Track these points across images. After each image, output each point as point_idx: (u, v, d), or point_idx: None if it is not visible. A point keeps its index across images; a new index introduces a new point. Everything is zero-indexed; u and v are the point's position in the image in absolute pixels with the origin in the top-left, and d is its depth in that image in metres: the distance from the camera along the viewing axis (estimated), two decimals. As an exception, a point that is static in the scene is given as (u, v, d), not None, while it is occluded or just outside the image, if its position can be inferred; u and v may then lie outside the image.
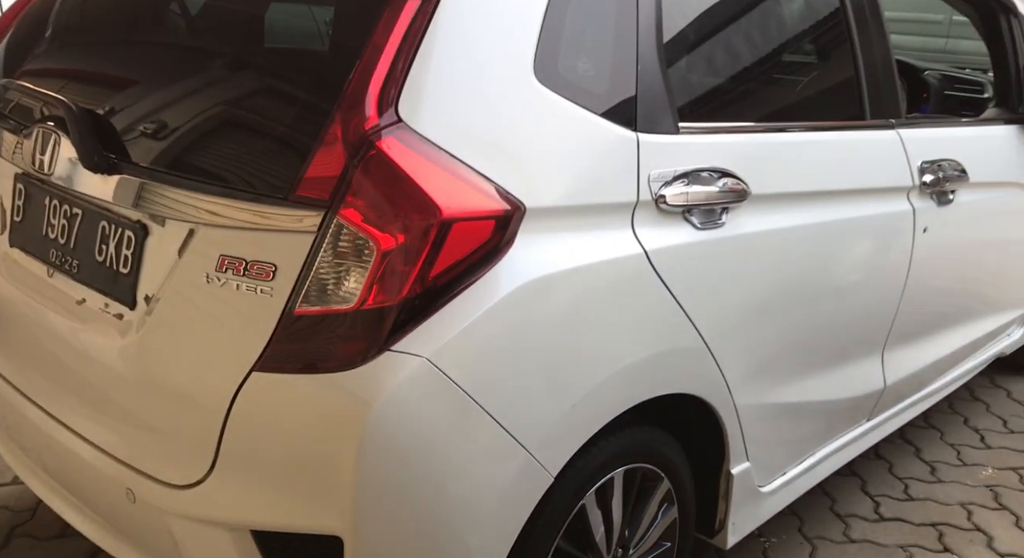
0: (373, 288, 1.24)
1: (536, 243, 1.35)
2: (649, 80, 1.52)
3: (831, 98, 2.01)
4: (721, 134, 1.65)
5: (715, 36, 1.79)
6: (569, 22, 1.43)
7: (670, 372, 1.57)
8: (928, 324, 2.30)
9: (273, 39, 1.54)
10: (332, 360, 1.25)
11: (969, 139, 2.32)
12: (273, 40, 1.54)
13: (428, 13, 1.29)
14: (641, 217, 1.49)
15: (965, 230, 2.27)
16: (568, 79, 1.43)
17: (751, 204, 1.65)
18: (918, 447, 2.60)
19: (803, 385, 1.92)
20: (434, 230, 1.24)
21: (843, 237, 1.89)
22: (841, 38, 1.94)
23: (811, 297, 1.85)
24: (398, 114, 1.25)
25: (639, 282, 1.48)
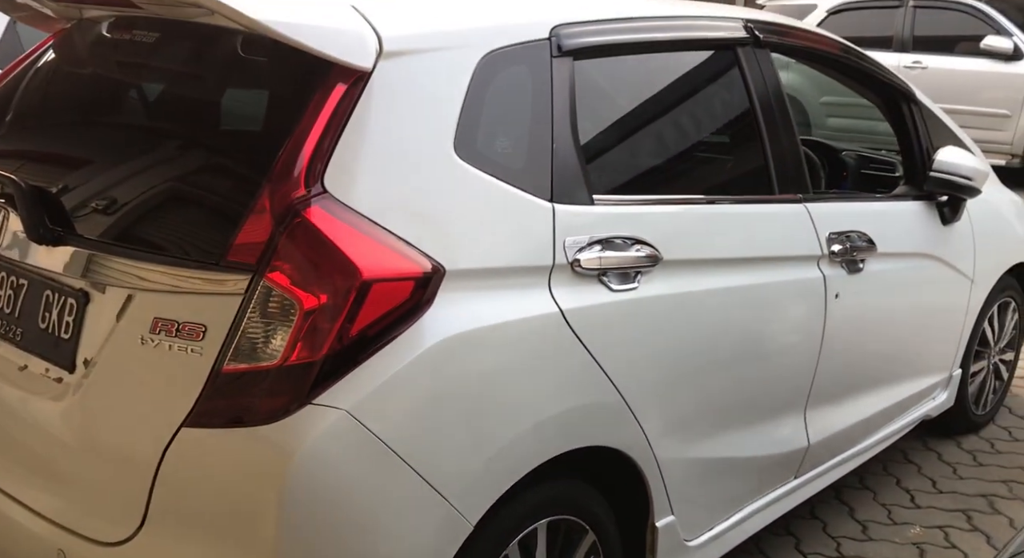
0: (297, 345, 1.33)
1: (457, 302, 1.45)
2: (564, 157, 1.66)
3: (740, 175, 2.18)
4: (634, 206, 1.79)
5: (628, 118, 1.96)
6: (488, 104, 1.58)
7: (588, 425, 1.66)
8: (849, 385, 2.42)
9: (209, 122, 1.67)
10: (257, 414, 1.33)
11: (878, 213, 2.50)
12: (209, 123, 1.67)
13: (354, 97, 1.43)
14: (558, 279, 1.61)
15: (877, 296, 2.42)
16: (487, 155, 1.57)
17: (663, 269, 1.78)
18: (852, 507, 2.68)
19: (725, 441, 2.01)
20: (354, 290, 1.34)
21: (755, 301, 2.02)
22: (749, 122, 2.12)
23: (726, 357, 1.96)
24: (324, 186, 1.37)
25: (556, 340, 1.59)
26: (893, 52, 8.27)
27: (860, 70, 2.59)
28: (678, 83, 2.08)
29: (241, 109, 1.71)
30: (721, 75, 2.13)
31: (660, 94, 2.04)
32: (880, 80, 2.64)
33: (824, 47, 2.50)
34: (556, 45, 1.70)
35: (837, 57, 2.54)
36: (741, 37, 2.12)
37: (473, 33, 1.61)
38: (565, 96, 1.70)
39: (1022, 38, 7.74)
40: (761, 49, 2.16)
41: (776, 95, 2.17)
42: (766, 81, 2.15)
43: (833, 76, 2.79)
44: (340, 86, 1.43)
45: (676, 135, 2.09)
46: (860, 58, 2.57)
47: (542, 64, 1.68)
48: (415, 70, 1.51)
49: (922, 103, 2.76)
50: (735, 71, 2.11)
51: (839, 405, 2.40)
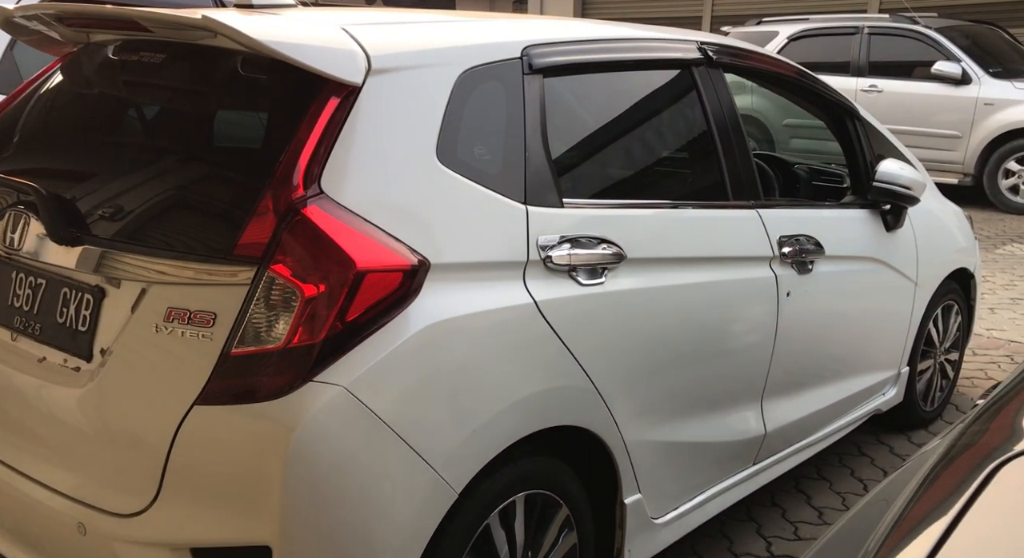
0: (299, 329, 1.48)
1: (441, 292, 1.62)
2: (536, 163, 1.84)
3: (697, 183, 2.37)
4: (601, 209, 1.98)
5: (594, 130, 2.15)
6: (466, 116, 1.76)
7: (560, 407, 1.83)
8: (802, 378, 2.61)
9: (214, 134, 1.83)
10: (263, 391, 1.48)
11: (825, 219, 2.70)
12: (214, 135, 1.83)
13: (346, 109, 1.60)
14: (531, 273, 1.78)
15: (826, 296, 2.62)
16: (466, 162, 1.74)
17: (628, 266, 1.96)
18: (809, 495, 2.86)
19: (688, 427, 2.19)
20: (350, 280, 1.50)
21: (713, 296, 2.21)
22: (704, 134, 2.32)
23: (687, 348, 2.14)
24: (321, 188, 1.54)
25: (530, 328, 1.76)
26: (851, 76, 8.64)
27: (808, 90, 2.82)
28: (639, 99, 2.28)
29: (243, 121, 1.87)
30: (678, 92, 2.33)
31: (623, 109, 2.23)
32: (827, 99, 2.87)
33: (775, 68, 2.73)
34: (527, 63, 1.89)
35: (787, 78, 2.76)
36: (695, 57, 2.33)
37: (451, 52, 1.80)
38: (536, 109, 1.88)
39: (970, 64, 8.11)
40: (714, 68, 2.37)
41: (729, 110, 2.38)
42: (719, 98, 2.36)
43: (785, 96, 3.01)
44: (333, 99, 1.60)
45: (638, 146, 2.29)
46: (808, 79, 2.79)
47: (515, 80, 1.87)
48: (400, 85, 1.68)
49: (865, 120, 2.99)
50: (691, 88, 2.31)
51: (793, 397, 2.58)
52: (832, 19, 9.11)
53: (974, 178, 8.02)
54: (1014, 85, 8.06)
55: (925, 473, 0.88)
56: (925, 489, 0.83)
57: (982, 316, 4.73)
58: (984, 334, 4.49)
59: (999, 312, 4.91)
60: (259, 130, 1.77)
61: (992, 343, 4.41)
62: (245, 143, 1.84)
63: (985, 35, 8.77)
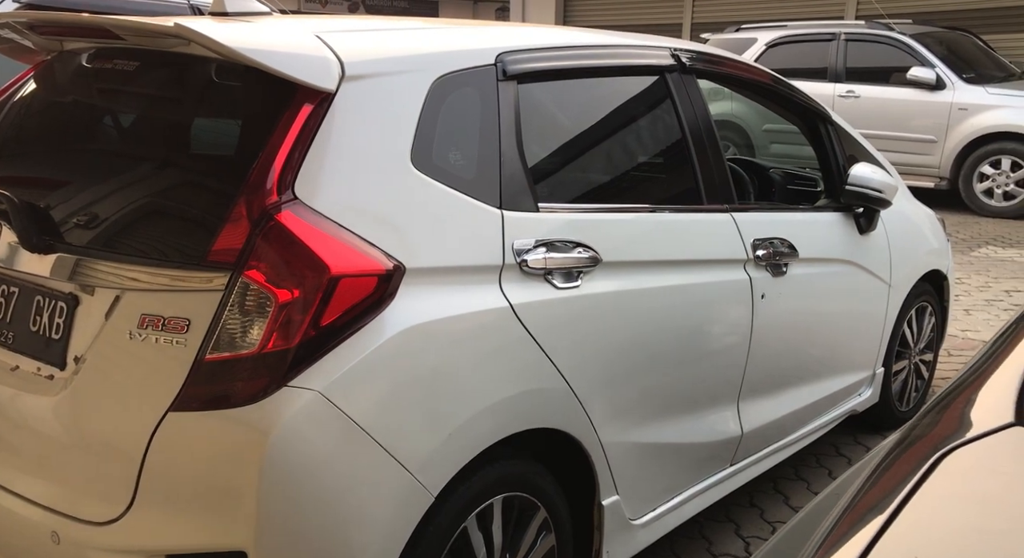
0: (273, 335, 1.49)
1: (417, 296, 1.63)
2: (511, 168, 1.86)
3: (672, 188, 2.40)
4: (575, 213, 1.99)
5: (568, 136, 2.17)
6: (441, 122, 1.78)
7: (537, 409, 1.84)
8: (778, 380, 2.63)
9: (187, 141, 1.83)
10: (238, 397, 1.48)
11: (799, 223, 2.74)
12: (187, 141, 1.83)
13: (320, 115, 1.61)
14: (507, 277, 1.79)
15: (800, 297, 2.65)
16: (441, 167, 1.76)
17: (603, 269, 1.98)
18: (787, 495, 2.88)
19: (665, 428, 2.20)
20: (324, 285, 1.51)
21: (688, 299, 2.23)
22: (678, 142, 2.35)
23: (663, 350, 2.16)
24: (294, 193, 1.55)
25: (506, 331, 1.77)
26: (828, 82, 8.74)
27: (781, 95, 2.86)
28: (613, 105, 2.30)
29: (216, 128, 1.88)
30: (652, 98, 2.36)
31: (597, 115, 2.26)
32: (799, 104, 2.91)
33: (748, 74, 2.76)
34: (501, 70, 1.91)
35: (760, 84, 2.80)
36: (669, 64, 2.35)
37: (425, 59, 1.81)
38: (511, 115, 1.90)
39: (944, 69, 8.23)
40: (687, 74, 2.40)
41: (703, 116, 2.40)
42: (693, 103, 2.38)
43: (759, 101, 3.05)
44: (307, 106, 1.61)
45: (613, 151, 2.31)
46: (781, 85, 2.83)
47: (489, 87, 1.88)
48: (374, 91, 1.70)
49: (838, 124, 3.03)
50: (665, 94, 2.34)
51: (770, 397, 2.61)
52: (809, 26, 9.22)
53: (950, 182, 8.13)
54: (987, 90, 8.19)
55: (875, 466, 0.90)
56: (874, 481, 0.85)
57: (957, 318, 4.79)
58: (959, 335, 4.55)
59: (974, 313, 4.97)
60: (233, 137, 1.78)
61: (967, 344, 4.47)
62: (219, 150, 1.85)
63: (958, 41, 8.90)
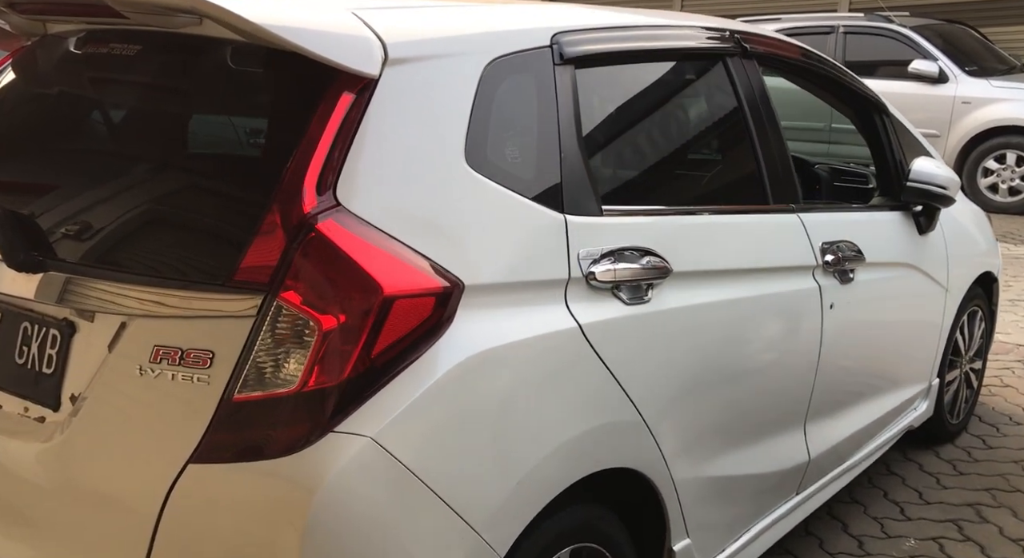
0: (315, 369, 1.23)
1: (476, 319, 1.38)
2: (572, 167, 1.61)
3: (737, 186, 2.16)
4: (641, 216, 1.75)
5: (629, 127, 1.92)
6: (495, 112, 1.52)
7: (610, 446, 1.59)
8: (843, 397, 2.41)
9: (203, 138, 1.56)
10: (273, 446, 1.22)
11: (861, 223, 2.51)
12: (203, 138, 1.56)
13: (362, 106, 1.35)
14: (574, 293, 1.54)
15: (867, 306, 2.42)
16: (498, 165, 1.50)
17: (673, 281, 1.73)
18: (844, 522, 2.66)
19: (734, 458, 1.97)
20: (375, 308, 1.25)
21: (760, 312, 1.99)
22: (742, 133, 2.10)
23: (734, 370, 1.92)
24: (336, 198, 1.29)
25: (576, 356, 1.52)
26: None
27: (838, 83, 2.62)
28: (674, 93, 2.06)
29: (236, 123, 1.61)
30: (714, 85, 2.12)
31: (658, 104, 2.01)
32: (858, 93, 2.68)
33: (805, 59, 2.52)
34: (558, 52, 1.66)
35: (819, 70, 2.56)
36: (730, 47, 2.11)
37: (476, 39, 1.55)
38: (569, 104, 1.65)
39: (946, 62, 8.07)
40: (748, 59, 2.16)
41: (765, 104, 2.16)
42: (755, 91, 2.14)
43: (810, 89, 2.81)
44: (347, 94, 1.35)
45: (675, 145, 2.07)
46: (838, 71, 2.60)
47: (545, 72, 1.63)
48: (421, 77, 1.44)
49: (894, 116, 2.81)
50: (727, 81, 2.09)
51: (835, 417, 2.38)
52: (806, 19, 9.01)
53: (954, 178, 7.96)
54: (991, 83, 8.04)
55: None
56: None
57: (987, 319, 4.60)
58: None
59: (1000, 315, 4.76)
60: (257, 133, 1.52)
61: (1000, 348, 4.27)
62: (240, 149, 1.58)
63: (957, 34, 8.75)
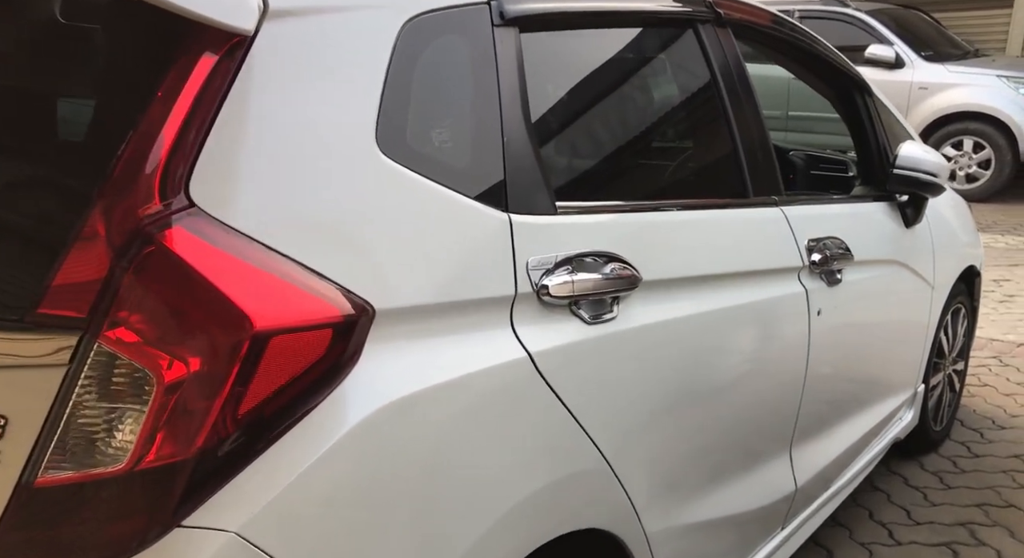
0: (155, 438, 0.87)
1: (391, 355, 1.03)
2: (518, 154, 1.27)
3: (714, 175, 1.84)
4: (604, 214, 1.41)
5: (590, 109, 1.58)
6: (417, 85, 1.17)
7: (571, 504, 1.26)
8: (831, 414, 2.12)
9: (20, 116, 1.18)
10: (94, 549, 0.86)
11: (846, 216, 2.22)
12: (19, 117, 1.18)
13: (229, 72, 0.98)
14: (522, 313, 1.21)
15: (855, 311, 2.14)
16: (422, 152, 1.15)
17: (643, 292, 1.41)
18: (829, 550, 2.38)
19: (716, 499, 1.66)
20: (244, 349, 0.90)
21: (742, 325, 1.68)
22: (717, 113, 1.79)
23: (715, 397, 1.61)
24: (189, 197, 0.93)
25: (526, 394, 1.19)
26: (781, 64, 8.36)
27: (821, 59, 2.32)
28: (640, 66, 1.73)
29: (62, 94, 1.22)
30: (685, 56, 1.79)
31: (622, 79, 1.68)
32: (840, 71, 2.38)
33: (785, 31, 2.21)
34: (497, 11, 1.31)
35: (798, 43, 2.25)
36: (702, 12, 1.78)
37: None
38: (513, 76, 1.30)
39: (903, 47, 7.96)
40: (722, 28, 1.84)
41: (743, 80, 1.85)
42: (731, 65, 1.83)
43: (787, 65, 2.51)
44: (208, 56, 0.98)
45: (641, 127, 1.74)
46: (820, 45, 2.30)
47: (482, 34, 1.28)
48: (315, 35, 1.08)
49: (878, 97, 2.53)
50: (698, 51, 1.77)
51: (822, 438, 2.09)
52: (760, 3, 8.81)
53: (912, 164, 7.85)
54: (947, 68, 7.94)
55: None
56: None
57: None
58: (965, 333, 4.15)
59: (970, 307, 4.59)
60: (85, 109, 1.14)
61: (975, 344, 4.05)
62: (61, 130, 1.20)
63: (912, 19, 8.66)
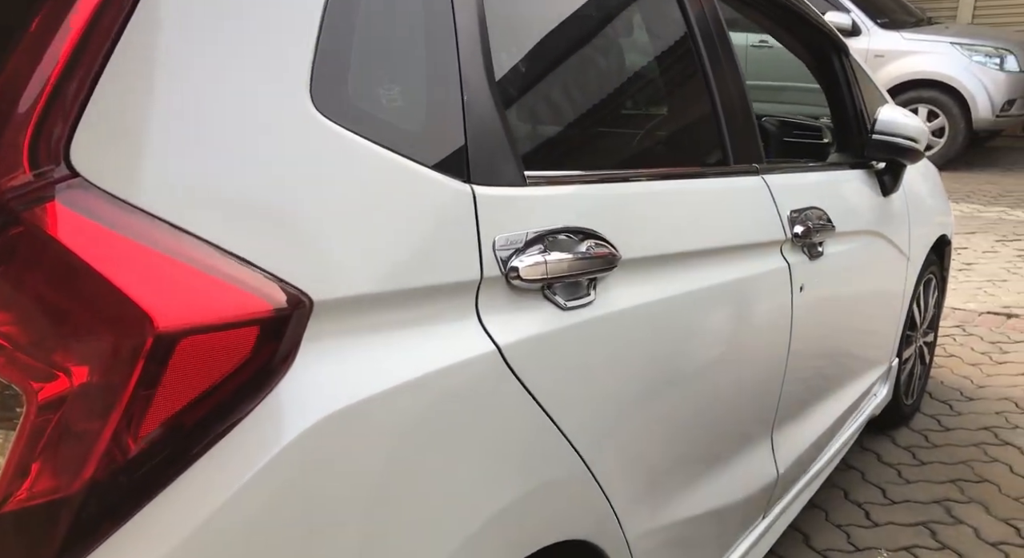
0: (31, 469, 0.69)
1: (335, 355, 0.86)
2: (481, 114, 1.09)
3: (693, 141, 1.68)
4: (579, 184, 1.25)
5: (561, 66, 1.41)
6: (362, 29, 0.98)
7: (548, 515, 1.11)
8: (811, 395, 2.01)
9: None
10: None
11: (826, 185, 2.09)
12: None
13: (122, 8, 0.79)
14: (488, 300, 1.04)
15: (836, 286, 2.02)
16: (366, 110, 0.97)
17: (622, 272, 1.25)
18: (806, 534, 2.29)
19: (698, 494, 1.53)
20: (143, 355, 0.71)
21: (727, 304, 1.54)
22: (696, 72, 1.63)
23: (699, 382, 1.47)
24: (70, 165, 0.73)
25: (494, 393, 1.02)
26: (739, 31, 8.24)
27: (798, 16, 2.18)
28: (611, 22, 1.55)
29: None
30: (660, 13, 1.62)
31: (593, 35, 1.50)
32: (817, 30, 2.24)
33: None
34: (455, -55, 1.12)
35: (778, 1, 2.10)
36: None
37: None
38: (473, 24, 1.12)
39: (859, 14, 7.92)
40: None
41: (722, 37, 1.70)
42: (709, 20, 1.67)
43: (762, 22, 2.36)
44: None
45: (616, 89, 1.57)
46: (804, 6, 2.16)
47: (437, -27, 1.09)
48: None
49: (854, 59, 2.39)
50: (676, 9, 1.60)
51: (803, 421, 1.98)
52: None
53: (869, 132, 7.84)
54: (902, 36, 7.93)
55: None
56: None
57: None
58: (928, 303, 4.11)
59: (931, 276, 4.55)
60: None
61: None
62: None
63: (863, -16, 8.61)
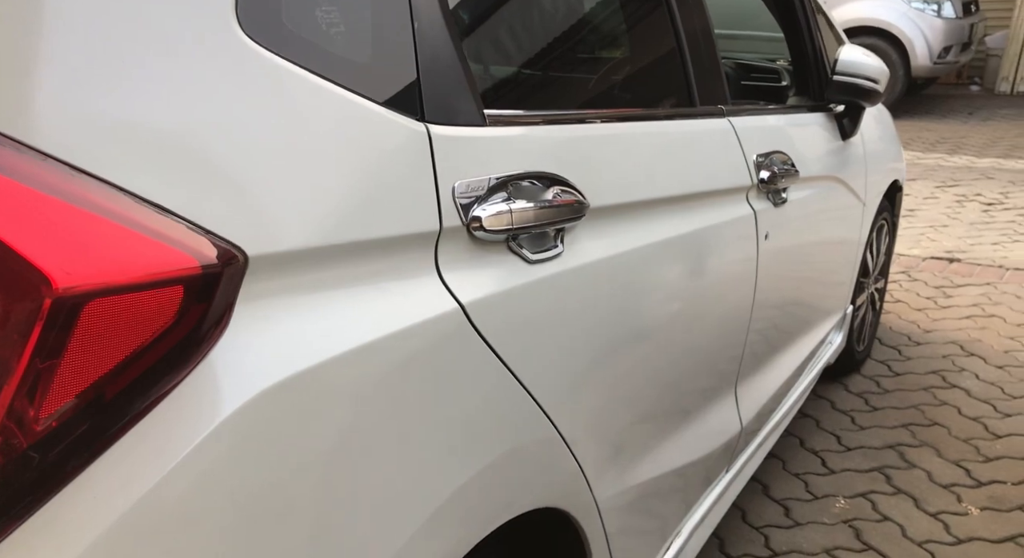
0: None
1: (276, 317, 0.75)
2: (435, 45, 0.97)
3: (659, 80, 1.58)
4: (544, 125, 1.14)
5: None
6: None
7: (518, 483, 1.03)
8: (772, 346, 1.97)
9: None
10: None
11: (788, 129, 2.02)
12: None
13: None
14: (449, 253, 0.94)
15: (799, 233, 1.97)
16: (303, 36, 0.84)
17: (590, 221, 1.16)
18: (765, 484, 2.28)
19: (666, 451, 1.47)
20: (39, 322, 0.60)
21: (695, 254, 1.47)
22: (661, 10, 1.52)
23: (666, 336, 1.40)
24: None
25: (457, 355, 0.93)
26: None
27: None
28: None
29: None
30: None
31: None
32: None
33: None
34: None
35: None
36: None
37: None
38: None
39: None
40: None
41: (687, -29, 1.59)
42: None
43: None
44: None
45: (580, 21, 1.45)
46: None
47: None
48: None
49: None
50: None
51: (764, 371, 1.94)
52: None
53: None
54: (846, -19, 7.90)
55: None
56: None
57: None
58: (875, 250, 4.14)
59: (876, 223, 4.59)
60: None
61: (886, 260, 4.06)
62: None
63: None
